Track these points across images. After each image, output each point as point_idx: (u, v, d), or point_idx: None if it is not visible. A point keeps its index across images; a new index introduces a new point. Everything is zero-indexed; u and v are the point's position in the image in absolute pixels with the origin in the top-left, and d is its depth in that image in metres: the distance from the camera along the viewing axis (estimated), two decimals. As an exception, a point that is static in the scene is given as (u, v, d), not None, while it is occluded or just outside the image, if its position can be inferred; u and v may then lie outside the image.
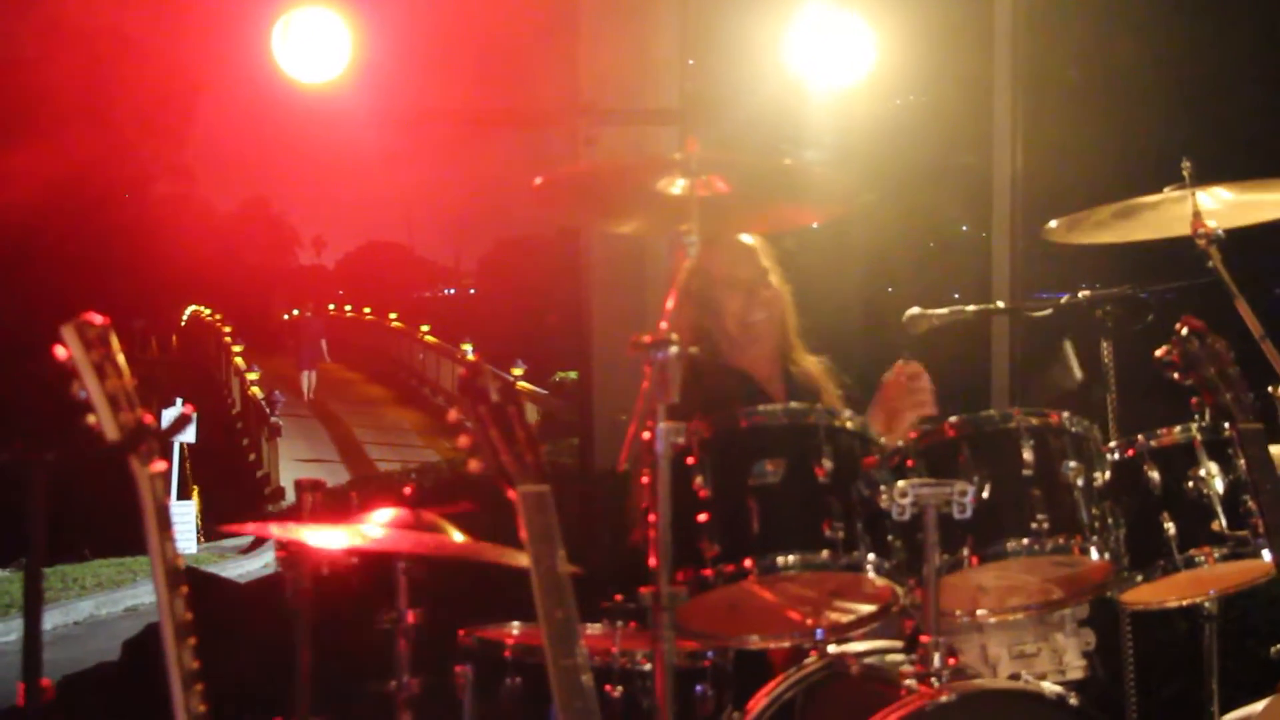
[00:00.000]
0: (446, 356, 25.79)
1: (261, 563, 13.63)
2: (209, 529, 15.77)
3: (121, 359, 2.34)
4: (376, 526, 3.31)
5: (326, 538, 3.25)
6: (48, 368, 2.32)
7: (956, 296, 4.16)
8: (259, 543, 14.08)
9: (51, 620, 10.62)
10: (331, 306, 41.25)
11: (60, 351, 2.30)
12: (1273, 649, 3.17)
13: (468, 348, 23.12)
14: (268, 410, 20.70)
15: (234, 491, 18.33)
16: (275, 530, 3.38)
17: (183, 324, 31.56)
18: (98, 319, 2.33)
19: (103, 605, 11.63)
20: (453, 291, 53.09)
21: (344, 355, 33.82)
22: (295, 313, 38.41)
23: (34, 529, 2.26)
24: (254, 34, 4.88)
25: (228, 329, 28.91)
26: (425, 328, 29.13)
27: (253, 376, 23.00)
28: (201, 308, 32.74)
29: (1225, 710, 3.18)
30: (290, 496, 17.19)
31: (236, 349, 25.72)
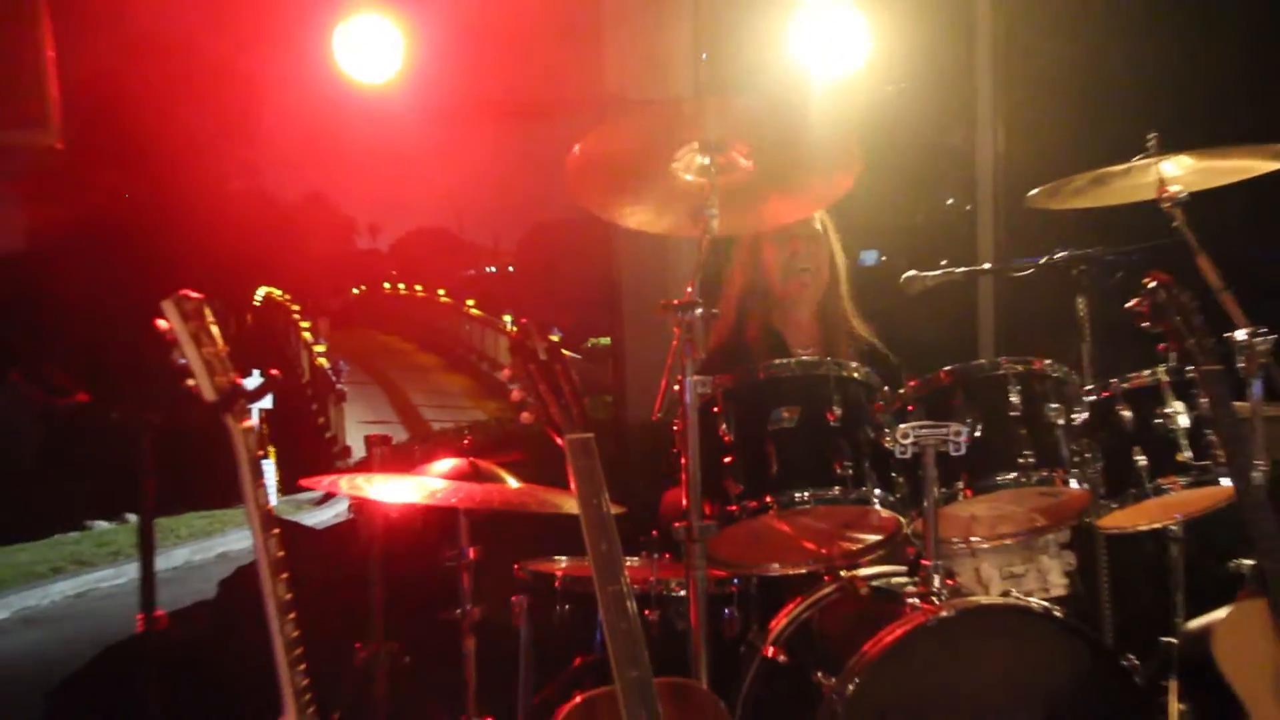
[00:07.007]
0: (490, 327, 25.85)
1: (333, 512, 13.72)
2: (286, 484, 15.87)
3: (215, 329, 2.37)
4: (438, 479, 3.33)
5: (392, 491, 3.27)
6: (150, 338, 2.35)
7: (944, 263, 4.13)
8: (330, 495, 14.17)
9: (146, 567, 10.70)
10: (387, 285, 41.29)
11: (162, 323, 2.33)
12: (1231, 564, 3.18)
13: (508, 319, 23.18)
14: (333, 378, 20.80)
15: (306, 451, 18.44)
16: (344, 486, 3.40)
17: (256, 304, 31.64)
18: (194, 294, 2.36)
19: (197, 552, 11.73)
20: (494, 270, 52.95)
21: (399, 328, 33.87)
22: (355, 291, 38.46)
23: (144, 481, 2.30)
24: (314, 42, 4.87)
25: (296, 307, 28.97)
26: (470, 302, 29.12)
27: (320, 349, 23.09)
28: (273, 289, 32.82)
29: (1190, 619, 3.18)
30: (356, 454, 17.32)
31: (304, 325, 25.77)
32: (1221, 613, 2.99)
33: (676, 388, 2.85)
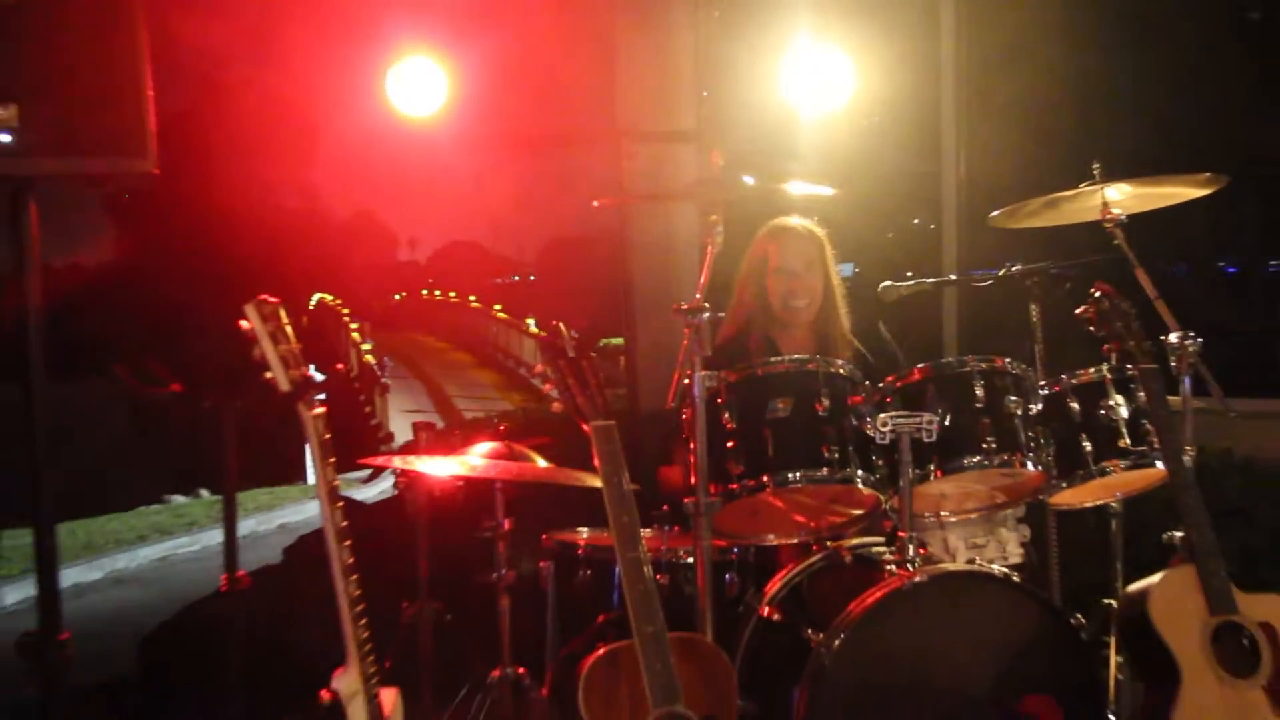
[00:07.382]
0: (515, 329, 25.81)
1: (378, 490, 13.65)
2: (338, 464, 15.80)
3: (289, 329, 2.37)
4: (478, 457, 3.35)
5: (439, 467, 3.29)
6: (233, 336, 2.36)
7: (909, 274, 4.11)
8: (375, 474, 14.14)
9: (220, 536, 10.65)
10: (425, 292, 41.27)
11: (244, 324, 2.34)
12: (1164, 536, 3.18)
13: (531, 322, 23.17)
14: (379, 373, 20.77)
15: (355, 437, 18.39)
16: (398, 462, 3.42)
17: (311, 308, 31.71)
18: (271, 299, 2.36)
19: (261, 524, 11.68)
20: (518, 278, 52.94)
21: (435, 329, 33.85)
22: (397, 297, 38.42)
23: (228, 458, 2.30)
24: (370, 81, 4.86)
25: (346, 311, 28.94)
26: (498, 307, 29.08)
27: (367, 347, 23.01)
28: (325, 295, 32.83)
29: (1128, 584, 3.18)
30: (398, 440, 17.26)
31: (354, 326, 25.72)
32: (1156, 578, 2.99)
33: (686, 381, 2.85)
